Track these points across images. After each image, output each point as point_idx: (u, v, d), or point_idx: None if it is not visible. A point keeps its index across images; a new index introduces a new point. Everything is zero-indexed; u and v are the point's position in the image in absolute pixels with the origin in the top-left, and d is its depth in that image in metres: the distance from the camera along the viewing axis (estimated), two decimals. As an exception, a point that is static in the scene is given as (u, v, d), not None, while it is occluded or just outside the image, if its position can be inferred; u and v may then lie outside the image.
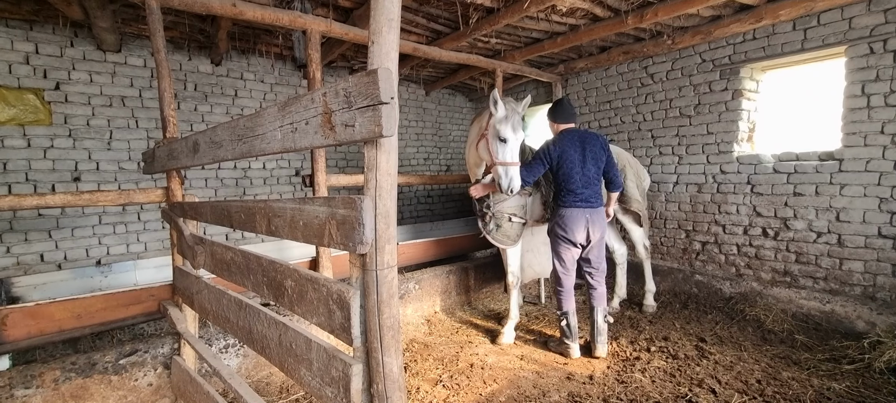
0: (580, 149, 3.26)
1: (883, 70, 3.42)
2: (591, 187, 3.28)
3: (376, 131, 1.08)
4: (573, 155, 3.24)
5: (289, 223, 1.49)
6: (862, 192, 3.58)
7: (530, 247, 4.28)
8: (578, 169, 3.24)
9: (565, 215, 3.27)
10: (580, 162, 3.25)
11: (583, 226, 3.26)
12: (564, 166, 3.25)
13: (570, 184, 3.25)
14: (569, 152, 3.24)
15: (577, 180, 3.24)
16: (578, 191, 3.24)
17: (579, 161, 3.25)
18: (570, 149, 3.25)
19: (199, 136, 2.11)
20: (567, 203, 3.27)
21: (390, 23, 1.18)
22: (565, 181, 3.26)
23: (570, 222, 3.26)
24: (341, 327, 1.29)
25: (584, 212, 3.26)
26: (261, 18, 3.28)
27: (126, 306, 2.95)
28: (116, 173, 4.39)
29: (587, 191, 3.26)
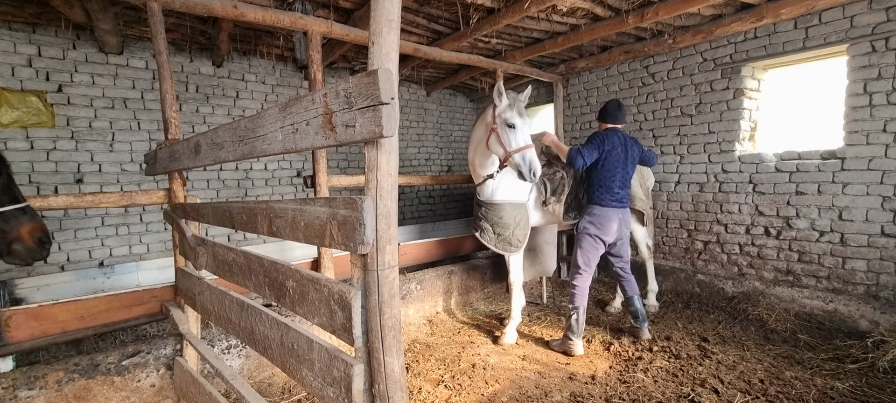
0: (623, 150, 3.35)
1: (885, 68, 3.41)
2: (626, 189, 3.42)
3: (377, 132, 1.08)
4: (618, 154, 3.32)
5: (290, 224, 1.49)
6: (864, 191, 3.56)
7: (533, 246, 4.28)
8: (621, 169, 3.33)
9: (601, 214, 3.35)
10: (622, 163, 3.34)
11: (616, 226, 3.37)
12: (609, 164, 3.32)
13: (610, 183, 3.32)
14: (616, 151, 3.32)
15: (617, 180, 3.33)
16: (616, 191, 3.34)
17: (622, 162, 3.34)
18: (617, 147, 3.33)
19: (201, 138, 2.12)
20: (604, 202, 3.35)
21: (390, 23, 1.18)
22: (607, 179, 3.32)
23: (605, 222, 3.34)
24: (343, 327, 1.29)
25: (618, 213, 3.38)
26: (262, 20, 3.28)
27: (129, 307, 2.95)
28: (119, 175, 4.40)
29: (623, 192, 3.39)
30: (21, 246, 2.16)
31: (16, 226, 2.14)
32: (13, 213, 2.14)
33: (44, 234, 2.23)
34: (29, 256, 2.19)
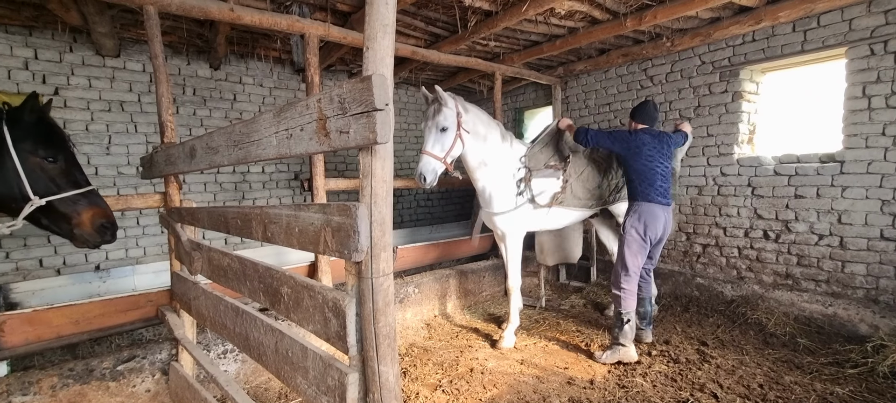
0: (659, 145, 3.25)
1: (884, 71, 3.41)
2: (668, 183, 3.28)
3: (371, 138, 1.07)
4: (653, 149, 3.22)
5: (285, 230, 1.48)
6: (863, 194, 3.56)
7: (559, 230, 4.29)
8: (659, 163, 3.22)
9: (648, 211, 3.19)
10: (660, 157, 3.23)
11: (662, 224, 3.22)
12: (642, 158, 3.21)
13: (652, 178, 3.20)
14: (649, 147, 3.22)
15: (658, 174, 3.21)
16: (659, 186, 3.20)
17: (659, 156, 3.23)
18: (650, 144, 3.23)
19: (197, 142, 2.11)
20: (650, 197, 3.19)
21: (385, 28, 1.17)
22: (647, 175, 3.21)
23: (652, 219, 3.19)
24: (337, 335, 1.28)
25: (664, 209, 3.22)
26: (259, 23, 3.27)
27: (124, 312, 2.94)
28: (115, 178, 4.39)
29: (666, 185, 3.24)
30: (81, 232, 2.14)
31: (77, 212, 2.11)
32: (74, 198, 2.11)
33: (106, 219, 2.20)
34: (91, 241, 2.18)
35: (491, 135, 3.53)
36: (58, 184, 2.10)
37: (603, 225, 4.54)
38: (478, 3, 3.58)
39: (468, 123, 3.36)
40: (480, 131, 3.45)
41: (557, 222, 3.96)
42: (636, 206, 3.26)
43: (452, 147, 3.27)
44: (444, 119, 3.19)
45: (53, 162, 2.09)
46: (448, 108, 3.21)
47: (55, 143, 2.12)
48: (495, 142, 3.57)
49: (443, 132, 3.21)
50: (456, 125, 3.25)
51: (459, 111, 3.29)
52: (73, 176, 2.16)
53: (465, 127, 3.32)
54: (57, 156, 2.10)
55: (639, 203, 3.24)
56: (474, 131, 3.41)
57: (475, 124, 3.42)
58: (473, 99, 7.36)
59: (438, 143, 3.22)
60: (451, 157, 3.30)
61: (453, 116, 3.23)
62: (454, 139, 3.25)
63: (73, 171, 2.16)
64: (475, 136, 3.43)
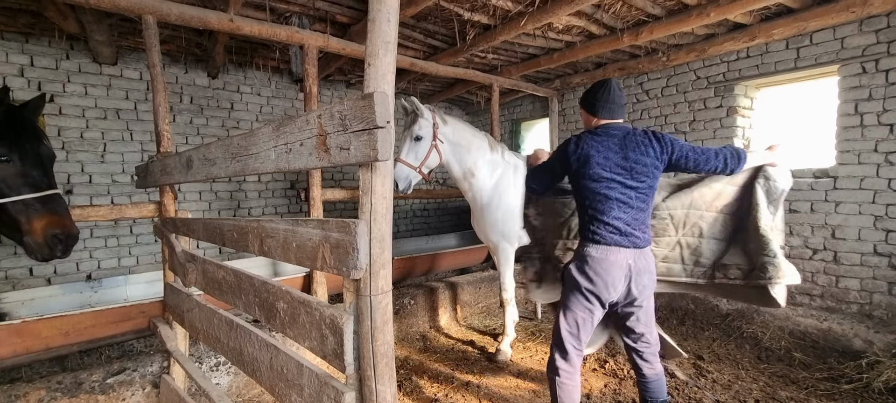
0: (620, 155, 2.12)
1: (875, 89, 3.46)
2: (634, 215, 2.11)
3: (372, 155, 1.06)
4: (606, 162, 2.11)
5: (281, 244, 1.47)
6: (857, 210, 3.59)
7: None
8: (618, 186, 2.11)
9: (595, 257, 2.07)
10: (620, 174, 2.11)
11: (622, 276, 2.07)
12: (588, 176, 2.12)
13: (601, 207, 2.10)
14: (599, 158, 2.11)
15: (614, 203, 2.09)
16: (614, 222, 2.08)
17: (618, 172, 2.11)
18: (602, 153, 2.11)
19: (193, 153, 2.09)
20: (599, 238, 2.08)
21: (387, 45, 1.17)
22: (593, 201, 2.12)
23: (601, 268, 2.06)
24: (334, 353, 1.26)
25: (627, 255, 2.07)
26: (258, 33, 3.28)
27: (115, 323, 2.89)
28: (109, 186, 4.35)
29: (628, 218, 2.09)
30: (30, 240, 1.92)
31: (28, 218, 1.90)
32: (27, 202, 1.90)
33: (61, 230, 1.95)
34: (39, 253, 1.95)
35: (476, 146, 3.55)
36: (9, 185, 1.89)
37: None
38: (477, 17, 3.61)
39: (445, 133, 3.40)
40: (462, 142, 3.49)
41: None
42: (583, 250, 2.13)
43: (428, 157, 3.30)
44: (418, 128, 3.24)
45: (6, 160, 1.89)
46: (424, 119, 3.27)
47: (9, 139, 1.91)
48: (482, 153, 3.58)
49: (417, 141, 3.25)
50: (432, 135, 3.30)
51: (436, 122, 3.33)
52: (32, 177, 1.94)
53: (441, 137, 3.35)
54: (10, 154, 1.90)
55: (586, 244, 2.12)
56: (454, 142, 3.45)
57: (455, 134, 3.46)
58: (471, 110, 7.40)
59: (412, 152, 3.26)
60: (426, 167, 3.35)
61: (429, 127, 3.28)
62: (429, 149, 3.29)
63: (31, 172, 1.94)
64: (455, 147, 3.46)
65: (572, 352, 2.13)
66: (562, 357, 2.14)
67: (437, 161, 3.41)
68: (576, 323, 2.14)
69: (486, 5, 3.44)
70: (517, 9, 3.49)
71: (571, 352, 2.12)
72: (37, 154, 2.01)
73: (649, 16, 3.68)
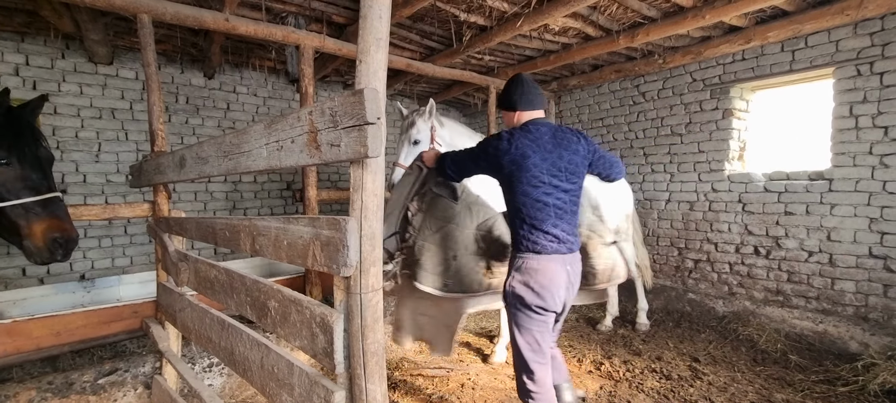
0: (555, 154, 1.99)
1: (870, 92, 3.47)
2: (568, 219, 2.03)
3: (362, 152, 1.05)
4: (543, 163, 1.96)
5: (273, 242, 1.45)
6: (852, 212, 3.59)
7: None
8: (554, 190, 1.99)
9: (537, 269, 1.95)
10: (556, 175, 1.99)
11: (563, 285, 1.99)
12: (524, 180, 1.96)
13: (540, 216, 1.96)
14: (536, 159, 1.96)
15: (550, 210, 1.97)
16: (553, 230, 1.96)
17: (555, 174, 1.99)
18: (538, 154, 1.96)
19: (186, 151, 2.08)
20: (540, 248, 1.96)
21: (378, 42, 1.16)
22: (530, 209, 1.97)
23: (545, 279, 1.94)
24: (324, 352, 1.25)
25: (564, 262, 1.99)
26: (254, 33, 3.27)
27: (107, 323, 2.87)
28: (104, 186, 4.32)
29: (564, 224, 2.00)
30: (31, 244, 1.92)
31: (28, 222, 1.90)
32: (28, 206, 1.90)
33: (61, 234, 1.96)
34: (39, 257, 1.95)
35: None
36: (8, 189, 1.89)
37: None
38: (473, 19, 3.61)
39: (443, 137, 3.40)
40: (458, 144, 3.48)
41: None
42: (523, 262, 1.99)
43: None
44: (416, 132, 3.24)
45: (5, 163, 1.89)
46: (422, 122, 3.26)
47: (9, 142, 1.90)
48: None
49: (415, 145, 3.24)
50: (429, 139, 3.29)
51: (434, 125, 3.33)
52: (31, 180, 1.93)
53: (438, 140, 3.35)
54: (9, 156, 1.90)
55: (525, 256, 1.98)
56: (451, 144, 3.45)
57: (452, 137, 3.46)
58: (468, 112, 7.40)
59: (410, 156, 3.25)
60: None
61: (426, 130, 3.28)
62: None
63: (31, 175, 1.94)
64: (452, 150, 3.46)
65: (538, 369, 2.00)
66: (530, 380, 2.01)
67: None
68: (535, 341, 2.01)
69: (483, 6, 3.44)
70: (513, 10, 3.49)
71: (538, 370, 2.00)
72: (36, 156, 2.00)
73: (645, 18, 3.69)
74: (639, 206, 4.99)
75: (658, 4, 3.48)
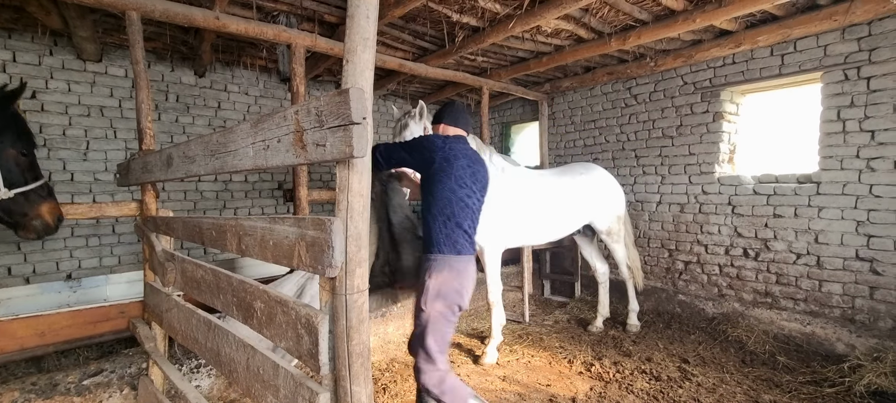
0: (473, 167, 2.19)
1: (857, 96, 3.51)
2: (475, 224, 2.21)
3: (347, 152, 1.05)
4: (467, 169, 2.15)
5: (259, 242, 1.44)
6: (839, 215, 3.63)
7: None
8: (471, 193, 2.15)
9: (459, 269, 2.05)
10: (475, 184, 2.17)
11: (472, 285, 2.14)
12: (452, 178, 2.09)
13: (462, 214, 2.08)
14: (463, 162, 2.14)
15: (469, 212, 2.12)
16: (470, 231, 2.13)
17: (473, 181, 2.16)
18: (463, 160, 2.14)
19: (174, 150, 2.06)
20: (460, 247, 2.07)
21: (365, 42, 1.16)
22: (455, 206, 2.07)
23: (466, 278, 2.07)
24: (309, 353, 1.24)
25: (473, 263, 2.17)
26: (245, 32, 3.24)
27: (93, 324, 2.83)
28: (91, 184, 4.27)
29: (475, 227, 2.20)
30: (40, 223, 2.34)
31: (38, 204, 2.32)
32: (36, 190, 2.31)
33: (60, 213, 2.42)
34: (45, 232, 2.38)
35: None
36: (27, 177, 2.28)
37: (585, 241, 4.56)
38: (465, 19, 3.61)
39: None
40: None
41: (537, 238, 3.96)
42: (443, 262, 2.04)
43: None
44: (409, 134, 3.22)
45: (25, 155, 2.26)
46: (414, 124, 3.25)
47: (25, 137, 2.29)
48: None
49: None
50: None
51: (427, 126, 3.32)
52: (36, 170, 2.33)
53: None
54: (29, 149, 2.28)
55: (444, 256, 2.05)
56: None
57: None
58: (461, 112, 7.39)
59: None
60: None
61: (419, 131, 3.27)
62: None
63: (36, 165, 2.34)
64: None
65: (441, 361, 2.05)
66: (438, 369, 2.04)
67: None
68: (444, 340, 2.06)
69: (475, 7, 3.44)
70: (505, 11, 3.50)
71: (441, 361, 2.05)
72: (33, 145, 2.36)
73: (636, 21, 3.71)
74: (630, 208, 5.01)
75: (649, 7, 3.50)
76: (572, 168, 4.32)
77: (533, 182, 3.89)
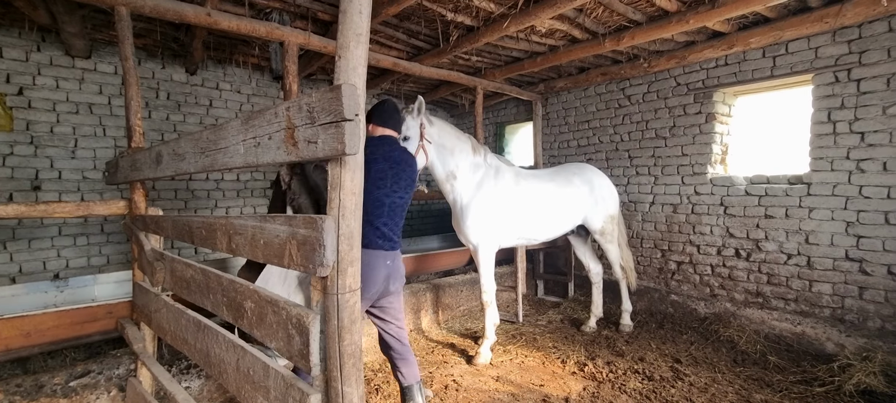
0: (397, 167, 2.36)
1: (848, 98, 3.55)
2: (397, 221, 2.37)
3: (339, 149, 1.03)
4: (388, 170, 2.32)
5: (250, 241, 1.42)
6: (829, 216, 3.67)
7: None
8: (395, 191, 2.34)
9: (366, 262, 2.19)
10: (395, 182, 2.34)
11: (383, 277, 2.28)
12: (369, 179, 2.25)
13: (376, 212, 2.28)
14: (381, 163, 2.31)
15: (386, 208, 2.30)
16: (382, 226, 2.29)
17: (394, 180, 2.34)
18: (381, 161, 2.32)
19: (163, 148, 2.03)
20: (367, 241, 2.24)
21: (358, 38, 1.14)
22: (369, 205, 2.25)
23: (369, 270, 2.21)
24: (300, 353, 1.22)
25: (386, 258, 2.30)
26: (237, 29, 3.20)
27: (81, 324, 2.79)
28: (80, 182, 4.20)
29: (392, 224, 2.34)
30: None
31: None
32: None
33: None
34: None
35: (459, 148, 3.57)
36: None
37: (578, 241, 4.57)
38: (460, 18, 3.60)
39: (432, 135, 3.40)
40: (447, 144, 3.50)
41: (531, 238, 3.96)
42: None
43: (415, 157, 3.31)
44: (406, 128, 3.24)
45: None
46: (411, 119, 3.26)
47: None
48: (465, 155, 3.60)
49: (405, 141, 3.24)
50: (419, 136, 3.30)
51: (423, 122, 3.33)
52: None
53: (428, 138, 3.35)
54: None
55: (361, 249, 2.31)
56: (439, 143, 3.46)
57: (441, 136, 3.47)
58: (456, 112, 7.39)
59: None
60: None
61: (416, 127, 3.28)
62: (416, 150, 3.28)
63: None
64: (440, 149, 3.47)
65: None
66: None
67: (424, 162, 3.40)
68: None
69: (469, 6, 3.43)
70: (500, 11, 3.49)
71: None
72: None
73: (630, 21, 3.72)
74: (624, 208, 5.03)
75: (643, 8, 3.51)
76: (566, 168, 4.33)
77: (527, 182, 3.89)
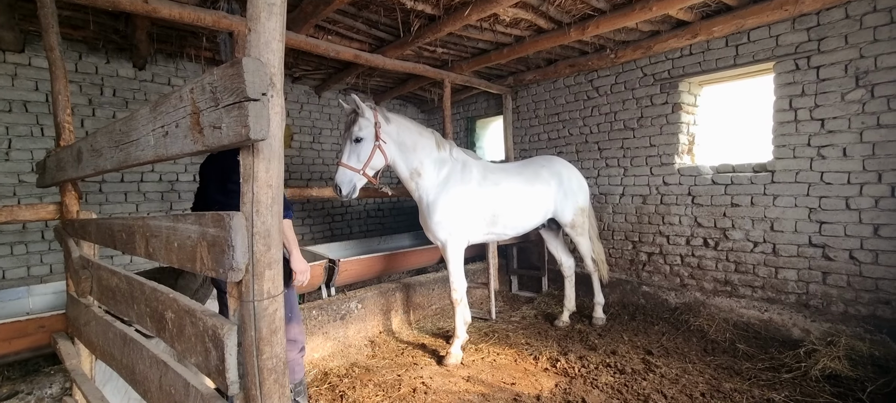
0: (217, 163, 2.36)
1: (808, 85, 3.57)
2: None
3: (243, 133, 0.89)
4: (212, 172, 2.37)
5: (164, 244, 1.26)
6: (793, 203, 3.69)
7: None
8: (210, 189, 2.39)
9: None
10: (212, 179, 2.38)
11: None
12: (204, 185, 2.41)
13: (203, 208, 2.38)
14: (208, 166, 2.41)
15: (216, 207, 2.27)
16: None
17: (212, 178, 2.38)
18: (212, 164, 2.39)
19: (82, 144, 1.83)
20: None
21: (271, 8, 1.00)
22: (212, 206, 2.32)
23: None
24: (216, 369, 1.07)
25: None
26: (179, 17, 2.99)
27: (9, 340, 2.55)
28: (16, 187, 3.89)
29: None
30: None
31: None
32: None
33: None
34: None
35: (422, 145, 3.46)
36: None
37: (550, 235, 4.51)
38: (420, 7, 3.46)
39: (389, 133, 3.27)
40: (407, 141, 3.38)
41: (501, 233, 3.88)
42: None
43: (371, 158, 3.16)
44: (358, 129, 3.10)
45: None
46: (364, 118, 3.13)
47: None
48: (429, 151, 3.48)
49: (358, 143, 3.12)
50: (373, 136, 3.17)
51: (379, 121, 3.19)
52: None
53: (384, 137, 3.22)
54: None
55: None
56: (398, 141, 3.34)
57: (401, 134, 3.35)
58: (426, 108, 7.24)
59: (354, 155, 3.13)
60: (371, 169, 3.21)
61: (370, 127, 3.15)
62: (372, 150, 3.16)
63: None
64: (400, 147, 3.36)
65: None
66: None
67: (383, 162, 3.28)
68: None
69: (430, -6, 3.30)
70: (462, -1, 3.37)
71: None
72: None
73: (595, 10, 3.66)
74: (594, 201, 5.00)
75: (607, -4, 3.45)
76: (534, 161, 4.26)
77: (494, 176, 3.79)
